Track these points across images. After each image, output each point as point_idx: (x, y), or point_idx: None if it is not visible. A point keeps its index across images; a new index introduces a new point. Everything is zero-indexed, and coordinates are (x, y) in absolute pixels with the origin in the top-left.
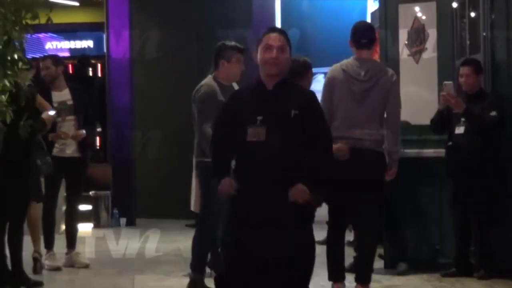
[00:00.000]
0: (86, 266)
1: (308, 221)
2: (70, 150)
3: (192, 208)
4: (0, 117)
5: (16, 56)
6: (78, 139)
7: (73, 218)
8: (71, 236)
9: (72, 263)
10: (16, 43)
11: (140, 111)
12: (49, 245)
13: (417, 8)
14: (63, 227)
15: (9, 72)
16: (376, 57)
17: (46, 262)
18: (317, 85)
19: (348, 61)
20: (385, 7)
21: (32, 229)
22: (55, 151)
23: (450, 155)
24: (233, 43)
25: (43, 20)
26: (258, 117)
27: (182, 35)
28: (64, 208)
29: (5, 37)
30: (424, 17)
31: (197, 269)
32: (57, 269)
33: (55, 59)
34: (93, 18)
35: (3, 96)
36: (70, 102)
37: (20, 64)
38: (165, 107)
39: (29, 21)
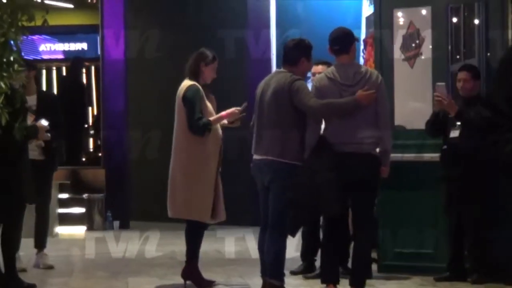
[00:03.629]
0: (50, 267)
1: None
2: (32, 153)
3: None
4: None
5: (12, 58)
6: (40, 144)
7: (41, 220)
8: (38, 237)
9: (38, 264)
10: (12, 45)
11: (134, 114)
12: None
13: (412, 13)
14: (56, 229)
15: (4, 74)
16: (371, 61)
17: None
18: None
19: (331, 69)
20: (379, 12)
21: None
22: None
23: (445, 158)
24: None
25: (39, 22)
26: None
27: (177, 37)
28: (58, 210)
29: (2, 39)
30: (419, 22)
31: (280, 276)
32: (50, 267)
33: (27, 63)
34: (87, 20)
35: None
36: (34, 108)
37: (16, 66)
38: (160, 110)
39: (25, 23)
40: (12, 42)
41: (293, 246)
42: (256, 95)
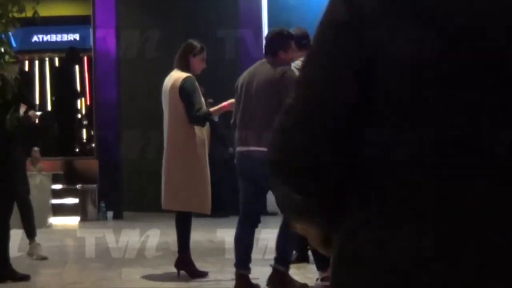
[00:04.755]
0: (44, 258)
1: None
2: None
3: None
4: None
5: (2, 50)
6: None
7: (25, 208)
8: (26, 227)
9: (31, 253)
10: (3, 37)
11: (127, 106)
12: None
13: None
14: (49, 220)
15: None
16: None
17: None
18: None
19: (300, 61)
20: None
21: None
22: None
23: None
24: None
25: (29, 13)
26: None
27: (169, 31)
28: (51, 201)
29: None
30: None
31: (285, 263)
32: (43, 258)
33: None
34: (80, 11)
35: None
36: None
37: (6, 57)
38: (151, 103)
39: (16, 15)
40: (2, 34)
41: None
42: (238, 87)
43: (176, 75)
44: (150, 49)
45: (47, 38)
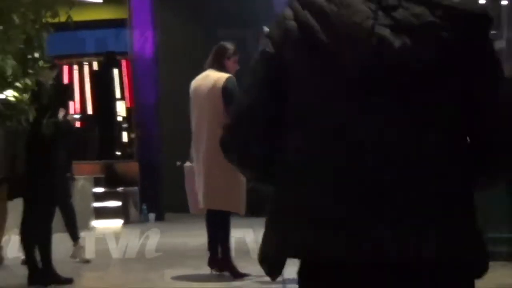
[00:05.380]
0: (87, 261)
1: None
2: None
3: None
4: (22, 115)
5: (37, 55)
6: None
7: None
8: (69, 230)
9: (74, 255)
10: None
11: (166, 108)
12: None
13: None
14: (92, 223)
15: (30, 71)
16: None
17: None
18: None
19: None
20: None
21: (0, 222)
22: None
23: None
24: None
25: (63, 18)
26: None
27: (205, 30)
28: (93, 205)
29: (23, 36)
30: None
31: None
32: (87, 262)
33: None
34: (117, 15)
35: (25, 95)
36: None
37: (41, 62)
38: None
39: (49, 20)
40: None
41: None
42: None
43: (216, 75)
44: (187, 49)
45: (85, 42)
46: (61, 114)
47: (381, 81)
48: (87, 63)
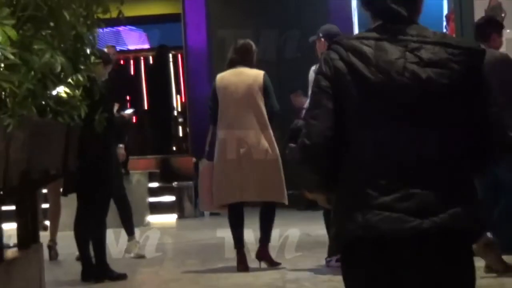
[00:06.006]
0: (142, 257)
1: None
2: None
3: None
4: (75, 112)
5: (88, 51)
6: None
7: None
8: (124, 224)
9: (129, 251)
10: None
11: None
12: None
13: None
14: (147, 218)
15: (82, 67)
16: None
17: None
18: None
19: None
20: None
21: (54, 218)
22: None
23: None
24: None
25: (114, 14)
26: None
27: (261, 25)
28: (148, 200)
29: (73, 32)
30: None
31: None
32: (141, 257)
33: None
34: (171, 9)
35: (77, 91)
36: None
37: (92, 58)
38: None
39: (100, 15)
40: (88, 35)
41: None
42: None
43: (252, 72)
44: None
45: (140, 37)
46: (115, 109)
47: (413, 103)
48: (142, 57)
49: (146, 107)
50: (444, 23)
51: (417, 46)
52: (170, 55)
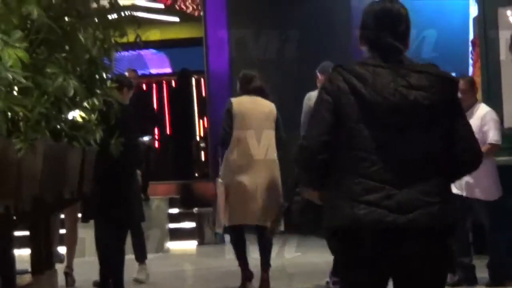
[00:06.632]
0: (140, 282)
1: None
2: None
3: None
4: (90, 136)
5: (105, 75)
6: None
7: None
8: (137, 252)
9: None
10: (106, 61)
11: None
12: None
13: None
14: (167, 245)
15: (98, 91)
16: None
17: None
18: None
19: None
20: (483, 11)
21: (70, 244)
22: None
23: None
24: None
25: (131, 38)
26: None
27: (281, 47)
28: (168, 226)
29: (87, 56)
30: None
31: None
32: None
33: (118, 81)
34: (193, 33)
35: (92, 115)
36: None
37: (108, 82)
38: None
39: (117, 39)
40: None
41: None
42: None
43: (266, 103)
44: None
45: (162, 61)
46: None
47: (402, 119)
48: (165, 82)
49: (168, 132)
50: (470, 48)
51: (406, 73)
52: (193, 79)
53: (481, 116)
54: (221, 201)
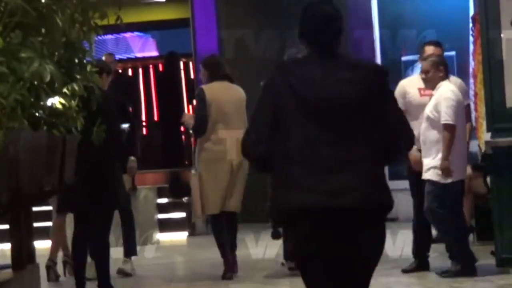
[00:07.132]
0: (127, 275)
1: None
2: None
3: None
4: (71, 123)
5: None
6: None
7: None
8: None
9: (120, 270)
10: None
11: None
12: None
13: None
14: (156, 236)
15: (78, 76)
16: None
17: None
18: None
19: None
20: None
21: (55, 236)
22: None
23: None
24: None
25: (112, 20)
26: None
27: (270, 30)
28: (157, 216)
29: (64, 39)
30: None
31: None
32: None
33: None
34: (179, 14)
35: (73, 102)
36: None
37: (88, 67)
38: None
39: (97, 21)
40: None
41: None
42: None
43: (236, 87)
44: (251, 49)
45: (148, 44)
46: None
47: (333, 111)
48: (151, 66)
49: (156, 118)
50: (471, 25)
51: (337, 68)
52: (181, 63)
53: (437, 96)
54: (195, 193)
